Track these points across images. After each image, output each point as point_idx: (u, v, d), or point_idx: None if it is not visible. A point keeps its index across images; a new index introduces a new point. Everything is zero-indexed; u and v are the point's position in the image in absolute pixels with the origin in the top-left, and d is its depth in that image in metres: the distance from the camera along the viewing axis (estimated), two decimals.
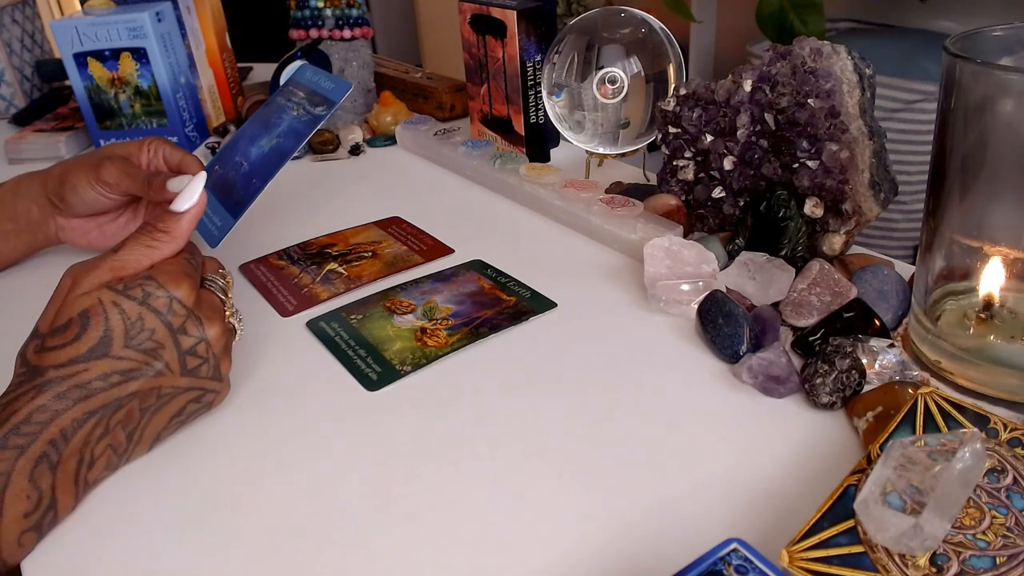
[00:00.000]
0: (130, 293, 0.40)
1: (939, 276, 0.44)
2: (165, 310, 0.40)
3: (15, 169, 0.87)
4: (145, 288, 0.40)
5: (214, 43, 0.96)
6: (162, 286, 0.41)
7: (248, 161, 0.55)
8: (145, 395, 0.40)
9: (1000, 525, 0.31)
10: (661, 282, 0.52)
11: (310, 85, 0.57)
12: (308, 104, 0.56)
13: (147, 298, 0.40)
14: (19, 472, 0.35)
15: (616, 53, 0.66)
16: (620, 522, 0.36)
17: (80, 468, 0.38)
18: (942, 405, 0.37)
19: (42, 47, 1.17)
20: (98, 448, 0.38)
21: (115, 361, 0.38)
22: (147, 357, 0.39)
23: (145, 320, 0.39)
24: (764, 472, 0.39)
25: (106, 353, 0.38)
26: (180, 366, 0.41)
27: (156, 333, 0.40)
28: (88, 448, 0.38)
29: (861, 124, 0.51)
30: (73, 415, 0.37)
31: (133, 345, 0.39)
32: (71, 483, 0.38)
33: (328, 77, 0.57)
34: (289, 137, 0.55)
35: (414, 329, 0.52)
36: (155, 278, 0.41)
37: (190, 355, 0.41)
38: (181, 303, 0.41)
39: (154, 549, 0.37)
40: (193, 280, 0.42)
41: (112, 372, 0.38)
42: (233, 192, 0.54)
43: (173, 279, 0.41)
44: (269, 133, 0.56)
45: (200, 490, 0.40)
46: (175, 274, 0.41)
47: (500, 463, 0.41)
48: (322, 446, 0.43)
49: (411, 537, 0.36)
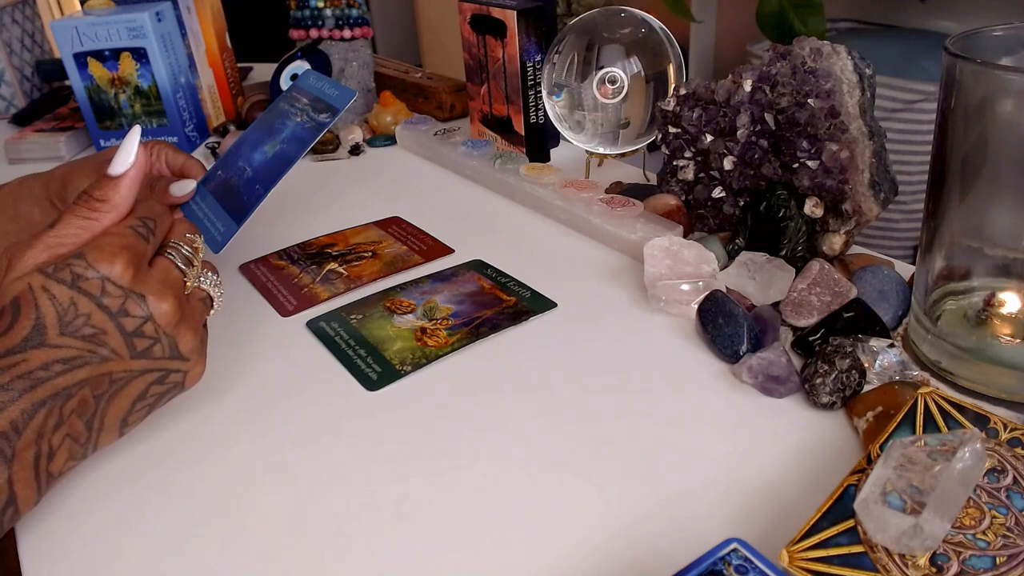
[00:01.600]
0: (59, 276, 0.37)
1: (939, 276, 0.44)
2: (98, 292, 0.37)
3: (15, 169, 0.87)
4: (74, 269, 0.37)
5: (214, 43, 0.96)
6: (91, 265, 0.37)
7: (251, 166, 0.55)
8: (96, 382, 0.37)
9: (1000, 525, 0.31)
10: (661, 282, 0.52)
11: (314, 91, 0.58)
12: (312, 111, 0.56)
13: (76, 280, 0.37)
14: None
15: (616, 53, 0.66)
16: (620, 522, 0.36)
17: (39, 460, 0.36)
18: (942, 405, 0.37)
19: (42, 47, 1.17)
20: (55, 439, 0.36)
21: (53, 350, 0.36)
22: (89, 344, 0.37)
23: (78, 304, 0.37)
24: (764, 472, 0.39)
25: (42, 342, 0.36)
26: (128, 350, 0.38)
27: (93, 318, 0.37)
28: (44, 440, 0.36)
29: (861, 124, 0.51)
30: (21, 407, 0.35)
31: (69, 332, 0.36)
32: (31, 476, 0.35)
33: (332, 84, 0.57)
34: (293, 143, 0.55)
35: (414, 329, 0.52)
36: (85, 256, 0.37)
37: (137, 337, 0.38)
38: (114, 282, 0.37)
39: (154, 549, 0.37)
40: (132, 253, 0.39)
41: (53, 361, 0.36)
42: (236, 198, 0.54)
43: (106, 255, 0.38)
44: (273, 139, 0.56)
45: (200, 490, 0.40)
46: (109, 249, 0.38)
47: (500, 463, 0.41)
48: (322, 446, 0.43)
49: (411, 537, 0.36)
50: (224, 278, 0.60)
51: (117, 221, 0.40)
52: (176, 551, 0.37)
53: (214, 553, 0.36)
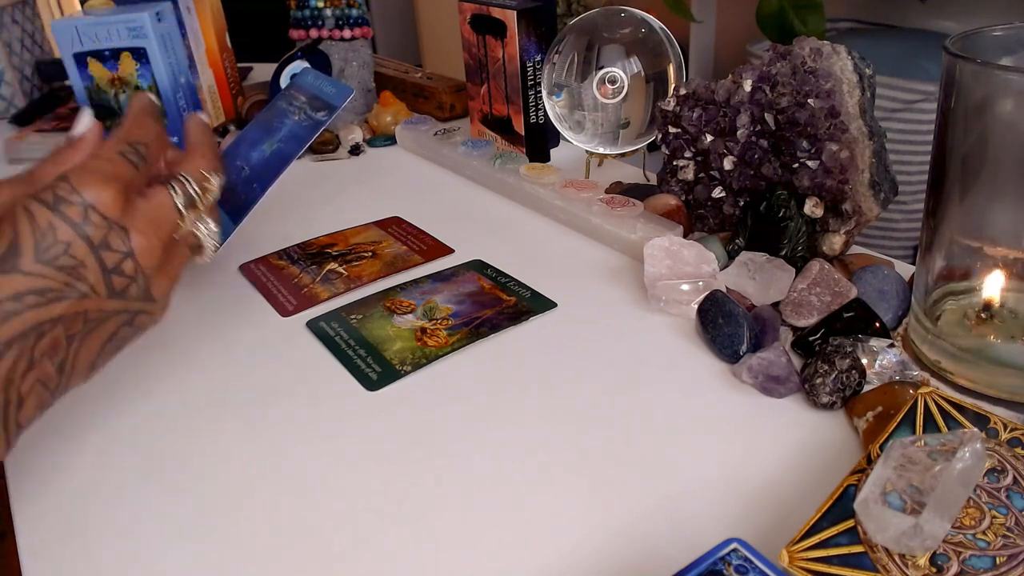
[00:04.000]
0: (41, 196, 0.34)
1: (939, 276, 0.44)
2: (80, 219, 0.34)
3: (15, 169, 0.87)
4: (57, 191, 0.34)
5: (214, 43, 0.96)
6: (76, 189, 0.34)
7: (249, 165, 0.55)
8: (70, 321, 0.34)
9: (1000, 525, 0.31)
10: (661, 282, 0.52)
11: (312, 89, 0.57)
12: (310, 108, 0.56)
13: (58, 203, 0.34)
14: None
15: (616, 53, 0.66)
16: (620, 522, 0.36)
17: (8, 409, 0.33)
18: (942, 405, 0.37)
19: (42, 47, 1.17)
20: (25, 385, 0.33)
21: (28, 278, 0.33)
22: (66, 276, 0.34)
23: (57, 230, 0.34)
24: (764, 472, 0.39)
25: (15, 266, 0.33)
26: (107, 288, 0.35)
27: (72, 247, 0.34)
28: (13, 387, 0.33)
29: (861, 124, 0.51)
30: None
31: (46, 260, 0.33)
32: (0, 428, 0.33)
33: (330, 82, 0.57)
34: (290, 142, 0.55)
35: (414, 329, 0.52)
36: (69, 178, 0.34)
37: (116, 274, 0.35)
38: (98, 210, 0.34)
39: (153, 550, 0.37)
40: (122, 184, 0.36)
41: (27, 292, 0.33)
42: (234, 196, 0.53)
43: (91, 180, 0.35)
44: (270, 137, 0.56)
45: (199, 490, 0.40)
46: (97, 175, 0.35)
47: (500, 463, 0.41)
48: (322, 446, 0.43)
49: (411, 537, 0.36)
50: (224, 278, 0.61)
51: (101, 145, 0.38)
52: (176, 551, 0.36)
53: (214, 553, 0.36)
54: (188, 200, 0.39)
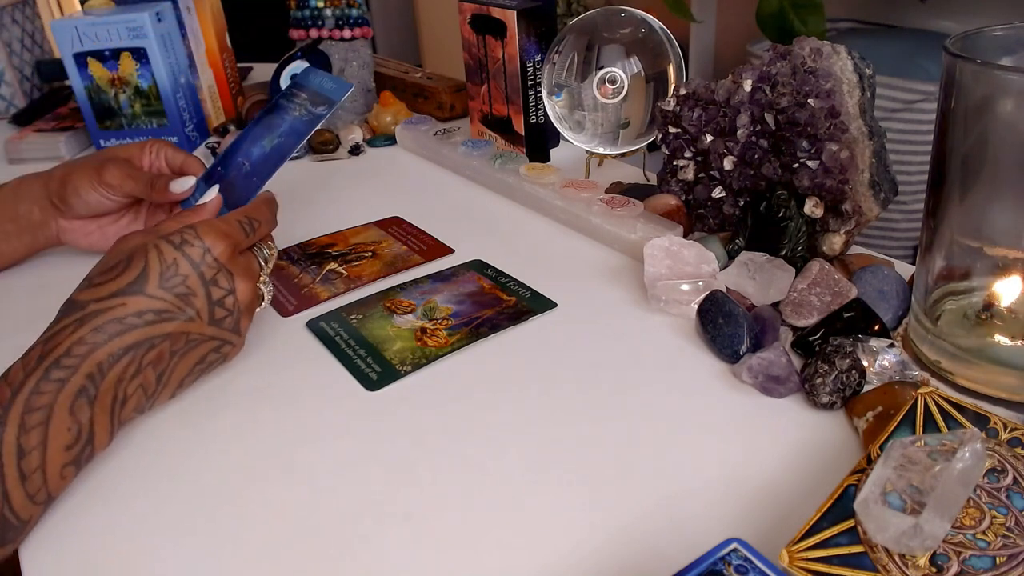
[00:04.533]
0: (170, 238, 0.43)
1: (939, 276, 0.44)
2: (198, 259, 0.43)
3: (15, 169, 0.87)
4: (184, 235, 0.44)
5: (214, 43, 0.96)
6: (199, 236, 0.44)
7: (250, 161, 0.55)
8: (175, 338, 0.42)
9: (1000, 525, 0.31)
10: (661, 282, 0.52)
11: (312, 86, 0.58)
12: (310, 104, 0.56)
13: (183, 244, 0.43)
14: (61, 405, 0.37)
15: (616, 53, 0.66)
16: (620, 522, 0.36)
17: (115, 405, 0.40)
18: (942, 405, 0.37)
19: (42, 47, 1.17)
20: (131, 387, 0.40)
21: (150, 299, 0.41)
22: (179, 301, 0.42)
23: (179, 265, 0.43)
24: (764, 472, 0.39)
25: (142, 290, 0.41)
26: (209, 315, 0.44)
27: (188, 279, 0.43)
28: (122, 386, 0.40)
29: (861, 124, 0.51)
30: (109, 349, 0.39)
31: (167, 287, 0.42)
32: (107, 419, 0.39)
33: (330, 78, 0.57)
34: (290, 136, 0.55)
35: (414, 329, 0.52)
36: (195, 228, 0.44)
37: (218, 306, 0.44)
38: (213, 255, 0.44)
39: (154, 549, 0.37)
40: (232, 240, 0.45)
41: (147, 310, 0.41)
42: (235, 193, 0.54)
43: (211, 233, 0.44)
44: (271, 133, 0.56)
45: (199, 490, 0.40)
46: (215, 229, 0.45)
47: (500, 463, 0.41)
48: (322, 446, 0.43)
49: (411, 537, 0.36)
50: None
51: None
52: (175, 550, 0.36)
53: (213, 553, 0.36)
54: (264, 258, 0.50)
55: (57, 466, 0.37)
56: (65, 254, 0.65)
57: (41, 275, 0.63)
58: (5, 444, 0.35)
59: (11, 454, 0.35)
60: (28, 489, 0.36)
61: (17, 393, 0.36)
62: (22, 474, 0.35)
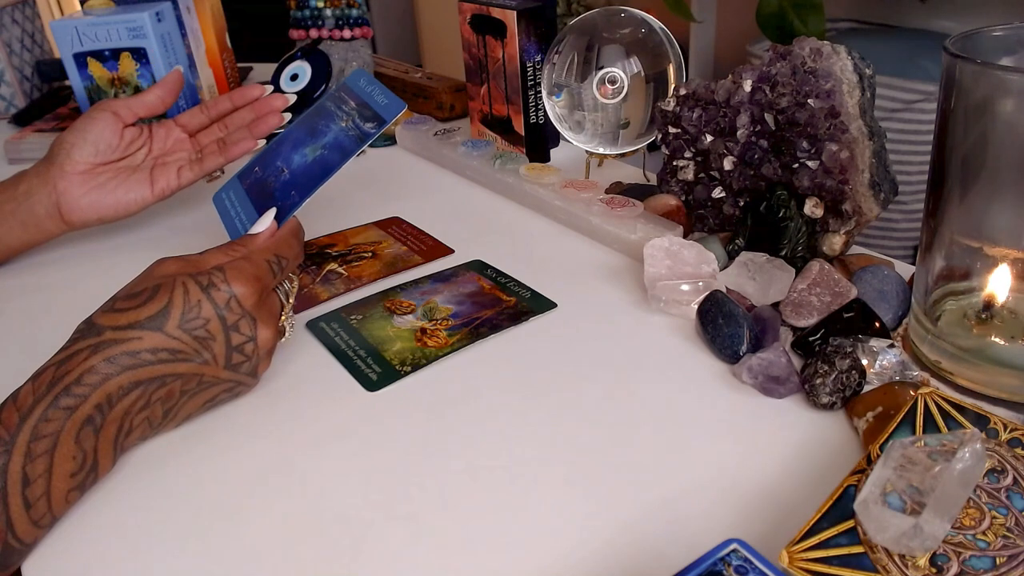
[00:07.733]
0: (198, 278, 0.42)
1: (939, 276, 0.44)
2: (223, 304, 0.42)
3: (15, 169, 0.86)
4: (212, 278, 0.42)
5: (214, 43, 0.96)
6: (227, 280, 0.42)
7: (289, 168, 0.52)
8: (188, 379, 0.41)
9: (1000, 525, 0.31)
10: (661, 282, 0.52)
11: (363, 95, 0.54)
12: (358, 117, 0.52)
13: (210, 287, 0.42)
14: (67, 433, 0.37)
15: (616, 53, 0.66)
16: (620, 522, 0.36)
17: (119, 435, 0.40)
18: (942, 405, 0.37)
19: (42, 47, 1.17)
20: (137, 419, 0.40)
21: (167, 338, 0.40)
22: (197, 344, 0.41)
23: (202, 307, 0.41)
24: (764, 472, 0.39)
25: (161, 327, 0.40)
26: (225, 360, 0.42)
27: (210, 324, 0.41)
28: (128, 417, 0.40)
29: (861, 124, 0.51)
30: (120, 382, 0.38)
31: (186, 328, 0.41)
32: (111, 447, 0.39)
33: (383, 91, 0.54)
34: (334, 151, 0.51)
35: (414, 329, 0.52)
36: (224, 271, 0.43)
37: (237, 352, 0.43)
38: (239, 302, 0.42)
39: (153, 551, 0.37)
40: (261, 284, 0.44)
41: (162, 348, 0.40)
42: (270, 199, 0.51)
43: (240, 277, 0.43)
44: (315, 142, 0.53)
45: (199, 491, 0.40)
46: (244, 272, 0.43)
47: (500, 464, 0.41)
48: (322, 447, 0.43)
49: (411, 538, 0.36)
50: None
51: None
52: (176, 552, 0.37)
53: (214, 554, 0.36)
54: (285, 296, 0.48)
55: (62, 492, 0.37)
56: (67, 252, 0.65)
57: (42, 275, 0.63)
58: (10, 474, 0.35)
59: (16, 483, 0.35)
60: (32, 516, 0.36)
61: (25, 420, 0.36)
62: (27, 502, 0.35)
